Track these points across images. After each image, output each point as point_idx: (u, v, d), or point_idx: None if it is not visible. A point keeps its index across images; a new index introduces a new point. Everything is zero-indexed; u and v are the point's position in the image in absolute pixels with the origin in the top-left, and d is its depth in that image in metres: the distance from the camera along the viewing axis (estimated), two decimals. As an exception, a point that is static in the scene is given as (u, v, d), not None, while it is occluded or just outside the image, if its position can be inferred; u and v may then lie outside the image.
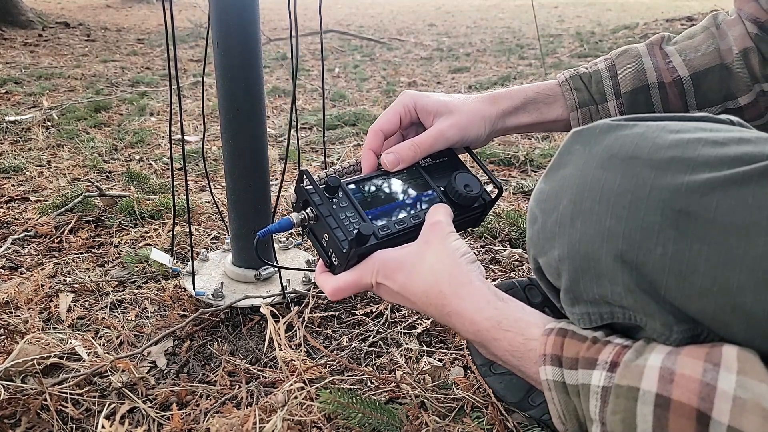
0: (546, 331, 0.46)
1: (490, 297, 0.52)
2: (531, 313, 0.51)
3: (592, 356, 0.42)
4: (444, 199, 0.64)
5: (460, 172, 0.64)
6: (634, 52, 0.69)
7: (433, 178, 0.65)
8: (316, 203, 0.59)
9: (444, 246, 0.55)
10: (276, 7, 8.85)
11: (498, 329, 0.50)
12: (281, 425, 0.71)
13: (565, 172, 0.46)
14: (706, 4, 9.48)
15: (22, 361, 0.82)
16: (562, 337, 0.45)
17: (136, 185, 1.58)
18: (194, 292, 1.00)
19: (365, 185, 0.63)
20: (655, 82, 0.67)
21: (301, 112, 2.64)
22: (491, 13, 10.56)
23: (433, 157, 0.67)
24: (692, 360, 0.37)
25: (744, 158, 0.38)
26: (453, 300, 0.52)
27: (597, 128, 0.46)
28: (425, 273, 0.54)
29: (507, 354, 0.50)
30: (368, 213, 0.60)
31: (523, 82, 3.25)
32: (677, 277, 0.38)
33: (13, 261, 1.20)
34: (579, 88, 0.69)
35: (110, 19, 7.73)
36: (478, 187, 0.64)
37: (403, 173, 0.65)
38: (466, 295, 0.52)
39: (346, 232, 0.57)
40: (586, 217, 0.42)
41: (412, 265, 0.55)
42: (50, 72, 3.49)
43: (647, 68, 0.67)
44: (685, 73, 0.66)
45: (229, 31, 0.90)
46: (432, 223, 0.57)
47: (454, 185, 0.63)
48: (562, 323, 0.46)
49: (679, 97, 0.67)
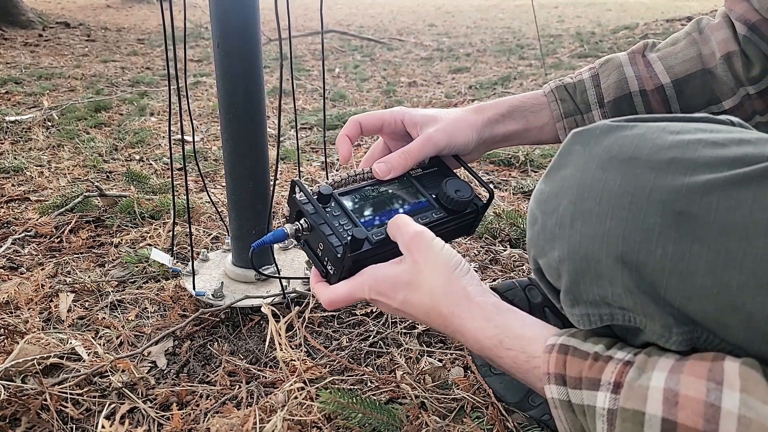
0: (548, 347, 0.46)
1: (489, 313, 0.52)
2: (532, 327, 0.50)
3: (595, 376, 0.42)
4: (436, 205, 0.64)
5: (450, 179, 0.65)
6: (615, 61, 0.69)
7: (424, 187, 0.66)
8: (309, 213, 0.59)
9: (434, 261, 0.54)
10: (275, 6, 8.82)
11: (500, 348, 0.50)
12: (281, 425, 0.71)
13: (565, 173, 0.46)
14: (706, 5, 9.48)
15: (22, 361, 0.82)
16: (564, 354, 0.45)
17: (136, 185, 1.58)
18: (194, 292, 1.00)
19: (357, 195, 0.63)
20: (637, 90, 0.67)
21: (301, 112, 2.64)
22: (491, 14, 10.56)
23: (424, 167, 0.68)
24: (695, 379, 0.36)
25: (744, 159, 0.38)
26: (453, 320, 0.53)
27: (597, 129, 0.46)
28: (421, 295, 0.54)
29: (512, 370, 0.50)
30: (361, 221, 0.60)
31: (523, 83, 3.25)
32: (677, 277, 0.38)
33: (14, 261, 1.20)
34: (564, 98, 0.70)
35: (110, 19, 7.73)
36: (470, 192, 0.64)
37: (394, 183, 0.65)
38: (466, 314, 0.52)
39: (341, 238, 0.57)
40: (586, 218, 0.42)
41: (407, 285, 0.55)
42: (50, 72, 3.49)
43: (629, 77, 0.68)
44: (667, 80, 0.66)
45: (229, 31, 0.90)
46: (412, 236, 0.55)
47: (445, 191, 0.64)
48: (563, 337, 0.46)
49: (662, 104, 0.67)
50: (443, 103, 2.75)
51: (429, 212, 0.64)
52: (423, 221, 0.61)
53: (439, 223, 0.64)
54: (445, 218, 0.64)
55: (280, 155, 1.93)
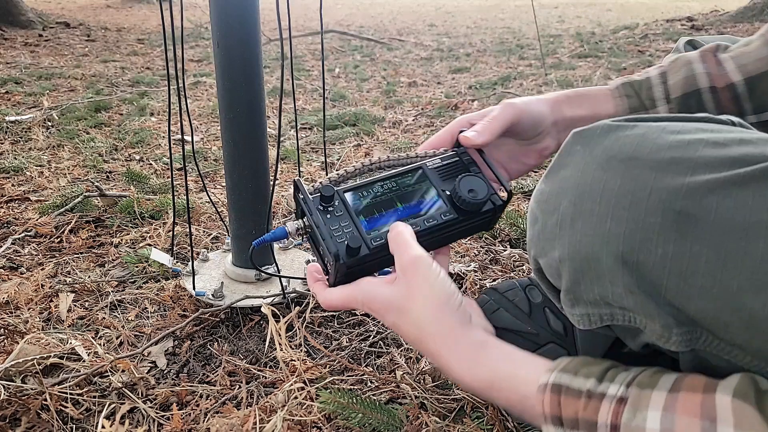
0: (540, 387, 0.46)
1: (476, 354, 0.51)
2: (522, 364, 0.50)
3: (591, 417, 0.42)
4: (447, 205, 0.61)
5: (465, 176, 0.61)
6: (684, 59, 0.68)
7: (438, 181, 0.63)
8: (308, 214, 0.58)
9: (427, 293, 0.53)
10: (276, 6, 8.83)
11: (492, 390, 0.50)
12: (281, 425, 0.71)
13: (566, 173, 0.46)
14: (706, 5, 9.48)
15: (22, 361, 0.82)
16: (558, 394, 0.44)
17: (136, 185, 1.58)
18: (194, 292, 1.00)
19: (364, 191, 0.61)
20: (707, 86, 0.65)
21: (301, 112, 2.64)
22: (491, 14, 10.56)
23: (443, 157, 0.65)
24: (689, 420, 0.37)
25: (745, 159, 0.38)
26: (440, 359, 0.53)
27: (597, 129, 0.46)
28: (410, 324, 0.54)
29: (506, 407, 0.50)
30: (366, 221, 0.58)
31: (523, 83, 3.25)
32: (677, 277, 0.38)
33: (14, 261, 1.20)
34: (630, 94, 0.69)
35: (110, 19, 7.73)
36: (485, 191, 0.61)
37: (407, 176, 0.62)
38: (453, 355, 0.52)
39: (336, 245, 0.56)
40: (587, 218, 0.42)
41: (399, 310, 0.55)
42: (50, 72, 3.49)
43: (698, 74, 0.66)
44: (739, 78, 0.65)
45: (229, 31, 0.90)
46: (409, 261, 0.54)
47: (458, 191, 0.60)
48: (554, 374, 0.46)
49: (733, 102, 0.65)
50: (443, 103, 2.75)
51: (438, 213, 0.60)
52: (430, 224, 0.59)
53: (447, 226, 0.61)
54: (455, 220, 0.61)
55: (280, 155, 1.93)
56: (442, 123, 2.43)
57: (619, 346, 0.62)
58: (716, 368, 0.41)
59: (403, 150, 2.01)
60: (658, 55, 4.23)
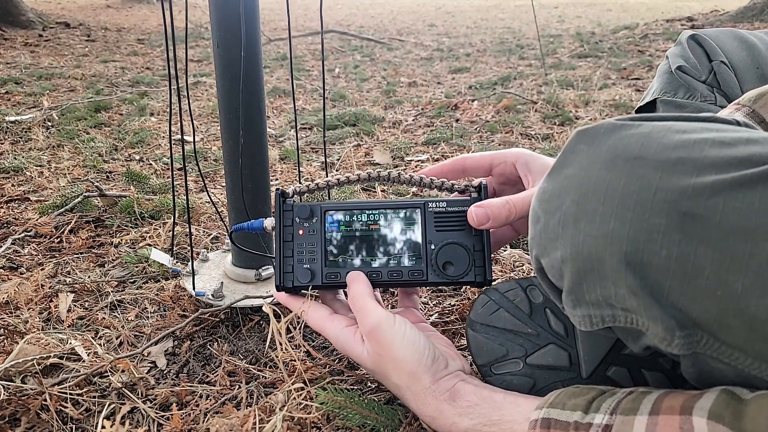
0: (531, 424, 0.47)
1: (460, 407, 0.53)
2: (509, 406, 0.51)
3: None
4: (423, 267, 0.59)
5: (450, 243, 0.59)
6: None
7: (432, 230, 0.60)
8: (280, 224, 0.60)
9: (395, 358, 0.54)
10: (276, 7, 8.86)
11: None
12: (281, 425, 0.71)
13: (569, 172, 0.45)
14: (706, 5, 9.48)
15: (22, 361, 0.82)
16: (547, 429, 0.46)
17: (136, 185, 1.58)
18: (194, 292, 1.00)
19: (349, 218, 0.60)
20: None
21: (301, 112, 2.64)
22: (491, 14, 10.55)
23: (450, 203, 0.61)
24: None
25: (752, 160, 0.38)
26: (425, 418, 0.55)
27: (602, 128, 0.45)
28: (389, 384, 0.57)
29: None
30: (336, 251, 0.59)
31: (523, 83, 3.25)
32: (682, 279, 0.38)
33: (13, 261, 1.20)
34: None
35: (110, 19, 7.73)
36: (464, 267, 0.59)
37: (403, 212, 0.60)
38: (437, 414, 0.54)
39: (287, 269, 0.57)
40: (590, 218, 0.42)
41: (373, 371, 0.57)
42: (50, 72, 3.48)
43: None
44: None
45: (229, 31, 0.90)
46: (370, 329, 0.54)
47: (437, 258, 0.59)
48: (543, 410, 0.47)
49: None
50: (443, 103, 2.75)
51: (408, 270, 0.59)
52: (393, 277, 0.58)
53: (412, 282, 0.59)
54: (421, 280, 0.59)
55: (280, 155, 1.93)
56: (442, 123, 2.43)
57: (619, 348, 0.62)
58: (716, 371, 0.41)
59: (402, 150, 2.01)
60: (658, 55, 4.22)
